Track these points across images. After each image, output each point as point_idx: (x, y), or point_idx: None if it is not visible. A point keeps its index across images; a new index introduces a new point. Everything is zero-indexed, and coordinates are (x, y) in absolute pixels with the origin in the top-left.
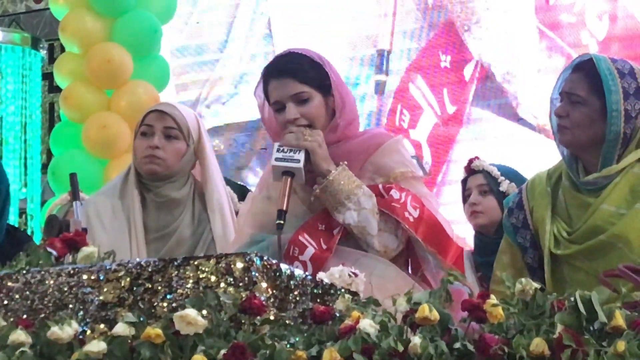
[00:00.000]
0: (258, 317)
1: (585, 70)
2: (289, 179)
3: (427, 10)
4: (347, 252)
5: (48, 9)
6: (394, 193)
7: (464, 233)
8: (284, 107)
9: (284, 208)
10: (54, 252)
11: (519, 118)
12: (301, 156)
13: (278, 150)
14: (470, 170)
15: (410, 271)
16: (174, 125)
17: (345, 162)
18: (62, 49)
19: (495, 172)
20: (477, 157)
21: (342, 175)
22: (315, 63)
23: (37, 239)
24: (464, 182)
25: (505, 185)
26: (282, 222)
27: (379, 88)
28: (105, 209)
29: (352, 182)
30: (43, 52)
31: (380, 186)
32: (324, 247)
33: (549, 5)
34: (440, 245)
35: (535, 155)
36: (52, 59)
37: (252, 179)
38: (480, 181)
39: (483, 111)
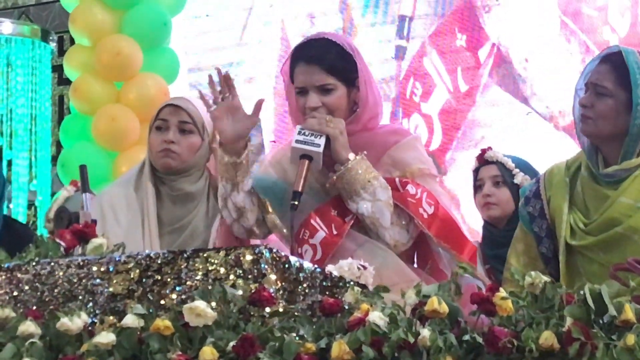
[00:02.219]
0: (267, 309)
1: (613, 62)
2: (306, 162)
3: None
4: (353, 234)
5: (58, 1)
6: (410, 188)
7: (471, 217)
8: (307, 92)
9: (300, 190)
10: (63, 244)
11: (532, 108)
12: (322, 141)
13: (299, 133)
14: (483, 160)
15: (416, 265)
16: (188, 120)
17: (365, 152)
18: (72, 42)
19: (510, 164)
20: (490, 148)
21: (360, 164)
22: (345, 53)
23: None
24: (476, 171)
25: (519, 177)
26: (296, 202)
27: (399, 53)
28: (120, 200)
29: (369, 172)
30: (53, 45)
31: (397, 180)
32: (335, 232)
33: None
34: (455, 242)
35: (545, 144)
36: (61, 52)
37: None
38: (493, 172)
39: (495, 94)
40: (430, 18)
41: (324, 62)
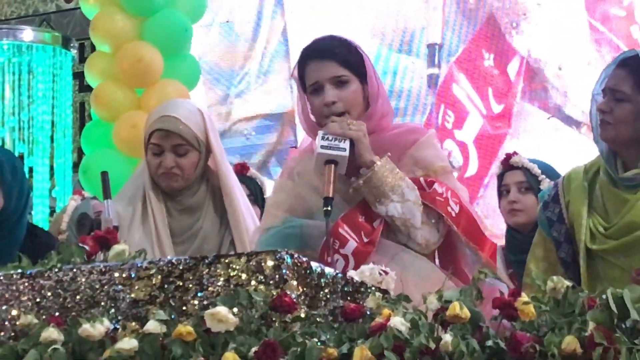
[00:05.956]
0: (289, 315)
1: (630, 67)
2: (332, 166)
3: (471, 9)
4: (386, 245)
5: (78, 8)
6: (437, 187)
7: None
8: (322, 89)
9: (331, 195)
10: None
11: (565, 116)
12: (347, 145)
13: (323, 138)
14: (508, 165)
15: (438, 265)
16: (182, 142)
17: (389, 154)
18: (93, 48)
19: (536, 170)
20: (515, 153)
21: (387, 166)
22: (352, 48)
23: None
24: (500, 177)
25: (546, 183)
26: (329, 208)
27: (432, 81)
28: (127, 217)
29: (395, 173)
30: (74, 52)
31: (421, 179)
32: (366, 240)
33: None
34: (477, 240)
35: (579, 154)
36: (82, 59)
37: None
38: (519, 178)
39: (530, 108)
40: (455, 44)
41: (336, 56)
